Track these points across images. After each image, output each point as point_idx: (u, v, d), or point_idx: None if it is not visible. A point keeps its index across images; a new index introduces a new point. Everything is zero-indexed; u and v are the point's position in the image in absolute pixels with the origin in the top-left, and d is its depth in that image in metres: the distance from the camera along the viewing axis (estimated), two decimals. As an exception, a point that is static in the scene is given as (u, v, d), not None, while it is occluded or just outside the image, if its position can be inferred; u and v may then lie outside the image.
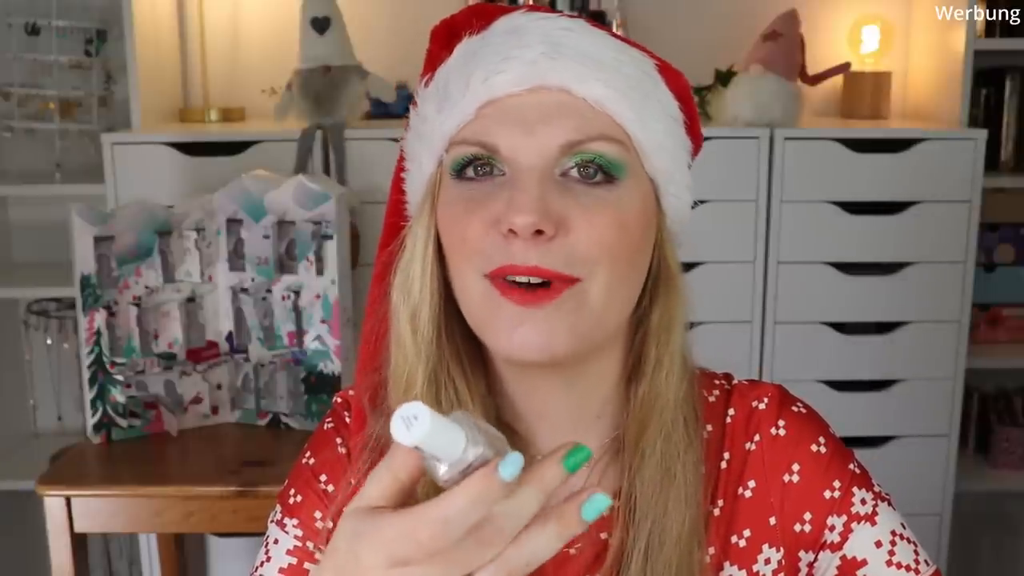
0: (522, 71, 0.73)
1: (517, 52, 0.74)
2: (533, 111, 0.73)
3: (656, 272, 0.80)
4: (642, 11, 2.43)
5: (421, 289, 0.77)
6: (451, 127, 0.75)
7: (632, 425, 0.80)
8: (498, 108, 0.74)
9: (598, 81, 0.73)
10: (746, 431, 0.85)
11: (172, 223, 1.74)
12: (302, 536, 0.84)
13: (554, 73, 0.73)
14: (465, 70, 0.75)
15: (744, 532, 0.83)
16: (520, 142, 0.72)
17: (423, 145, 0.78)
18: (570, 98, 0.73)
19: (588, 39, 0.75)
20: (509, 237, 0.71)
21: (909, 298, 2.15)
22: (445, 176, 0.77)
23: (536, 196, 0.70)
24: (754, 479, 0.84)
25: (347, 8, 2.19)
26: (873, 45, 2.41)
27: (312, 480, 0.86)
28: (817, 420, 0.87)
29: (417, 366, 0.77)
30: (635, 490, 0.79)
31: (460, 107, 0.75)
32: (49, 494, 1.56)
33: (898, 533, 0.82)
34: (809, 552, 0.83)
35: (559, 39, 0.74)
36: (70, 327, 2.44)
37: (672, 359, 0.79)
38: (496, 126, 0.73)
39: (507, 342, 0.72)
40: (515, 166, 0.72)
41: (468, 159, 0.74)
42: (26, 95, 2.32)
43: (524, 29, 0.75)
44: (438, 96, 0.77)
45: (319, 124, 2.08)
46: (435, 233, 0.77)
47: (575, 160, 0.73)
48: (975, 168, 2.10)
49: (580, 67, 0.73)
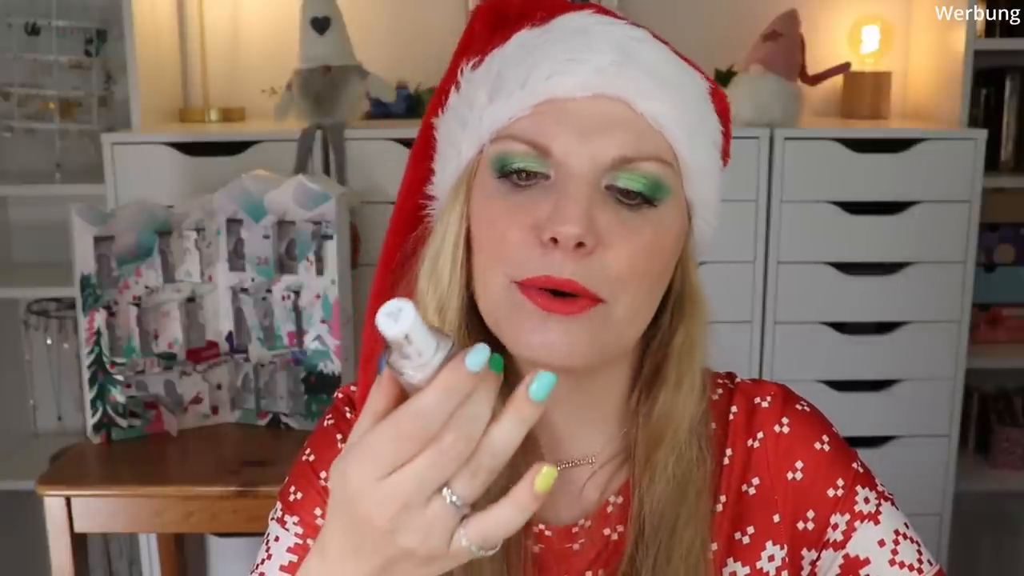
0: (588, 76, 0.72)
1: (585, 56, 0.72)
2: (592, 118, 0.71)
3: (680, 291, 0.80)
4: (642, 11, 2.43)
5: (451, 280, 0.76)
6: (502, 118, 0.73)
7: (643, 440, 0.80)
8: (557, 109, 0.72)
9: (661, 100, 0.73)
10: (748, 429, 0.85)
11: (172, 223, 1.74)
12: (303, 533, 0.84)
13: (619, 84, 0.72)
14: (525, 63, 0.73)
15: (748, 529, 0.83)
16: (574, 148, 0.71)
17: (466, 131, 0.76)
18: (630, 112, 0.72)
19: (654, 52, 0.75)
20: (548, 246, 0.70)
21: (909, 298, 2.15)
22: (485, 167, 0.75)
23: (585, 207, 0.69)
24: (758, 476, 0.84)
25: (347, 8, 2.19)
26: (873, 45, 2.41)
27: (312, 477, 0.86)
28: (821, 419, 0.87)
29: None
30: (645, 507, 0.79)
31: (516, 100, 0.73)
32: (49, 494, 1.56)
33: (901, 532, 0.82)
34: (812, 550, 0.83)
35: (627, 48, 0.73)
36: (70, 327, 2.44)
37: (692, 379, 0.80)
38: (553, 127, 0.72)
39: (529, 341, 0.72)
40: (565, 171, 0.71)
41: (515, 160, 0.73)
42: (26, 95, 2.32)
43: (592, 32, 0.74)
44: (489, 84, 0.75)
45: (319, 124, 2.08)
46: (466, 224, 0.76)
47: (623, 178, 0.72)
48: (975, 168, 2.10)
49: (645, 81, 0.72)
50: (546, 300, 0.71)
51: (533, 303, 0.71)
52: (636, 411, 0.81)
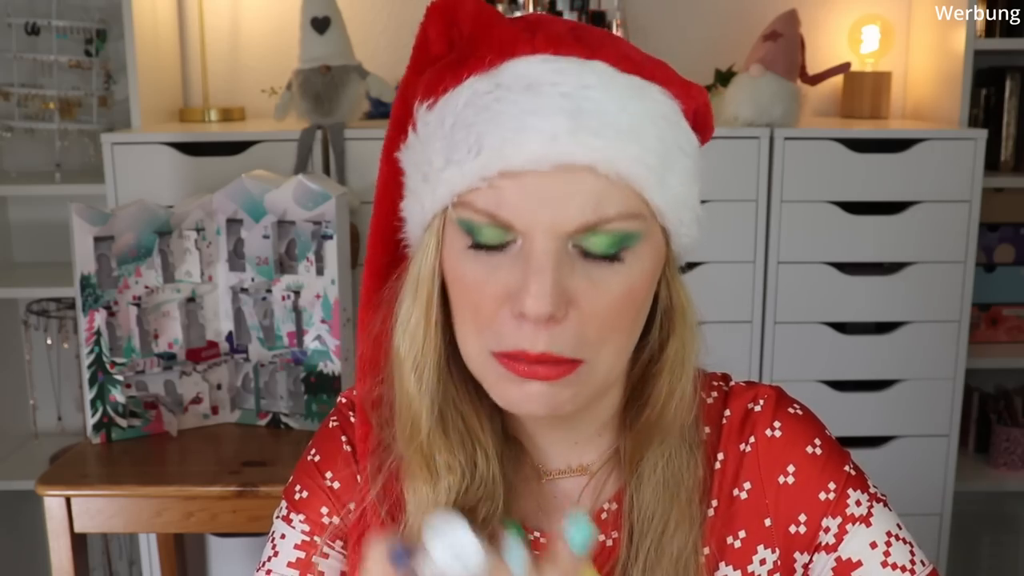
0: (542, 147, 0.68)
1: (535, 121, 0.69)
2: (551, 190, 0.69)
3: (667, 305, 0.79)
4: (642, 11, 2.43)
5: (425, 341, 0.76)
6: (460, 186, 0.71)
7: (630, 444, 0.81)
8: (514, 183, 0.69)
9: (621, 157, 0.69)
10: (741, 433, 0.85)
11: (172, 223, 1.74)
12: (309, 531, 0.85)
13: (578, 152, 0.68)
14: (475, 127, 0.70)
15: (739, 533, 0.83)
16: (536, 221, 0.69)
17: (427, 187, 0.74)
18: (593, 177, 0.69)
19: (610, 97, 0.70)
20: (520, 318, 0.70)
21: (909, 298, 2.15)
22: (452, 224, 0.73)
23: (551, 283, 0.68)
24: (749, 480, 0.84)
25: (347, 8, 2.19)
26: (873, 45, 2.41)
27: (318, 476, 0.87)
28: (813, 422, 0.87)
29: (421, 411, 0.77)
30: (635, 509, 0.80)
31: (470, 169, 0.70)
32: (49, 494, 1.56)
33: (893, 534, 0.82)
34: (804, 553, 0.83)
35: (579, 104, 0.69)
36: (70, 327, 2.44)
37: (684, 389, 0.80)
38: (511, 201, 0.69)
39: (509, 401, 0.73)
40: (529, 241, 0.70)
41: (479, 233, 0.71)
42: (26, 95, 2.32)
43: (540, 86, 0.70)
44: (443, 139, 0.72)
45: (319, 124, 2.08)
46: (439, 279, 0.75)
47: (589, 241, 0.70)
48: (975, 168, 2.10)
49: (604, 144, 0.69)
50: (525, 367, 0.71)
51: (514, 372, 0.72)
52: (629, 422, 0.82)
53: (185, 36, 2.43)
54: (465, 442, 0.79)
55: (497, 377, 0.73)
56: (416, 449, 0.78)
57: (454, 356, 0.78)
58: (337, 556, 0.85)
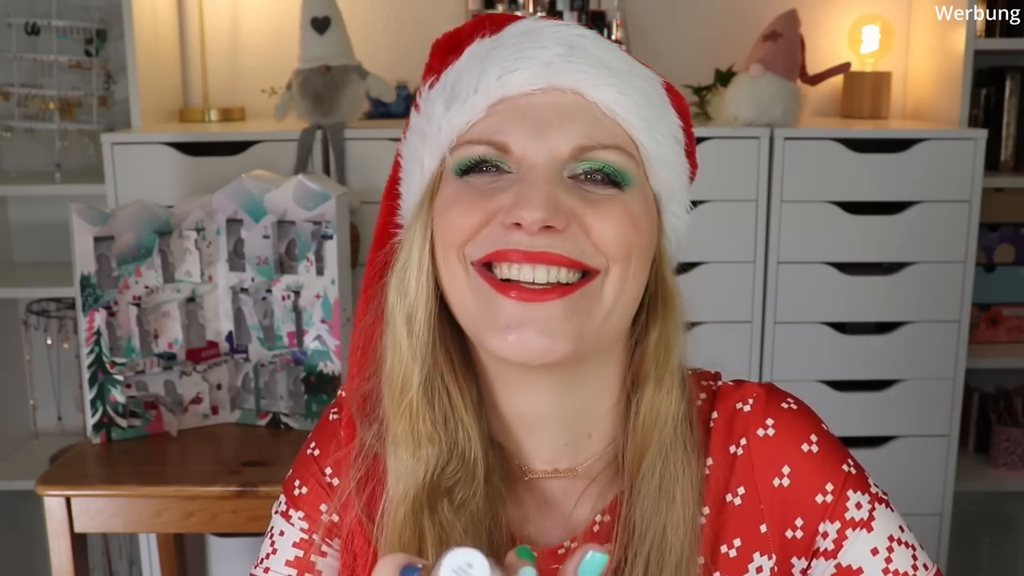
0: (537, 70, 0.73)
1: (532, 52, 0.73)
2: (546, 111, 0.73)
3: (654, 290, 0.79)
4: (642, 11, 2.43)
5: (417, 290, 0.76)
6: (460, 124, 0.75)
7: (632, 447, 0.79)
8: (510, 106, 0.73)
9: (611, 87, 0.73)
10: (730, 435, 0.82)
11: (172, 223, 1.74)
12: (308, 528, 0.84)
13: (569, 75, 0.73)
14: (477, 69, 0.75)
15: (734, 542, 0.80)
16: (531, 141, 0.72)
17: (427, 144, 0.77)
18: (583, 101, 0.73)
19: (602, 47, 0.76)
20: (511, 228, 0.70)
21: (909, 298, 2.15)
22: (448, 174, 0.76)
23: (547, 192, 0.70)
24: (743, 485, 0.81)
25: (347, 8, 2.19)
26: (873, 45, 2.41)
27: (317, 472, 0.86)
28: (808, 416, 0.83)
29: (413, 368, 0.76)
30: (634, 513, 0.78)
31: (470, 104, 0.74)
32: (49, 494, 1.56)
33: (895, 538, 0.79)
34: (802, 558, 0.80)
35: (574, 43, 0.74)
36: (70, 327, 2.44)
37: (672, 377, 0.78)
38: (507, 124, 0.73)
39: (504, 343, 0.71)
40: (525, 164, 0.72)
41: (476, 160, 0.74)
42: (26, 95, 2.32)
43: (539, 32, 0.76)
44: (445, 95, 0.76)
45: (319, 124, 2.09)
46: (431, 233, 0.76)
47: (583, 167, 0.73)
48: (975, 168, 2.10)
49: (594, 71, 0.73)
50: (519, 290, 0.71)
51: (506, 296, 0.71)
52: (624, 417, 0.80)
53: (185, 36, 2.43)
54: (448, 419, 0.78)
55: (489, 306, 0.72)
56: (403, 412, 0.77)
57: (443, 331, 0.77)
58: (336, 555, 0.84)
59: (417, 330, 0.76)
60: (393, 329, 0.77)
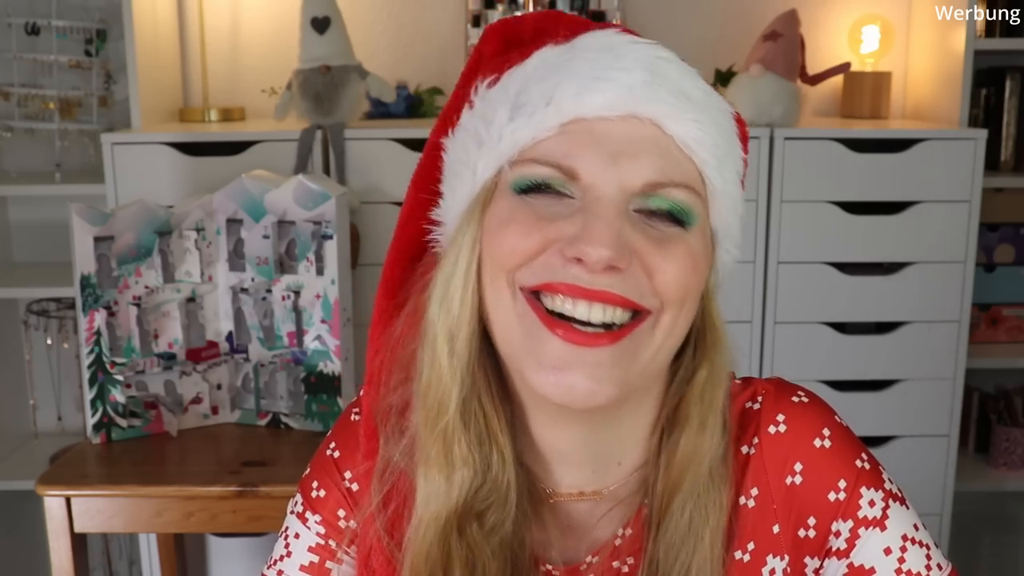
0: (618, 95, 0.69)
1: (614, 73, 0.69)
2: (622, 140, 0.69)
3: (701, 326, 0.77)
4: (642, 11, 2.43)
5: (461, 306, 0.72)
6: (524, 138, 0.70)
7: (663, 481, 0.76)
8: (584, 129, 0.69)
9: (694, 122, 0.70)
10: (741, 435, 0.80)
11: (172, 223, 1.74)
12: (324, 534, 0.82)
13: (651, 105, 0.69)
14: (549, 81, 0.70)
15: (748, 546, 0.79)
16: (602, 170, 0.68)
17: (483, 150, 0.72)
18: (660, 134, 0.70)
19: (683, 73, 0.72)
20: (571, 261, 0.67)
21: (909, 298, 2.15)
22: (504, 188, 0.71)
23: (616, 228, 0.66)
24: (756, 486, 0.79)
25: (347, 8, 2.19)
26: (873, 45, 2.41)
27: (336, 474, 0.83)
28: (820, 409, 0.82)
29: (452, 389, 0.73)
30: (658, 551, 0.76)
31: (539, 118, 0.70)
32: (49, 494, 1.56)
33: (909, 537, 0.78)
34: (814, 558, 0.79)
35: (656, 67, 0.70)
36: (70, 327, 2.44)
37: (716, 418, 0.76)
38: (579, 149, 0.69)
39: (547, 382, 0.69)
40: (592, 194, 0.68)
41: (539, 182, 0.69)
42: (26, 95, 2.32)
43: (619, 50, 0.71)
44: (509, 101, 0.71)
45: (319, 124, 2.08)
46: (480, 248, 0.72)
47: (652, 204, 0.69)
48: (975, 168, 2.10)
49: (677, 103, 0.70)
50: (568, 330, 0.67)
51: (554, 334, 0.68)
52: (657, 452, 0.78)
53: (185, 36, 2.43)
54: (483, 441, 0.75)
55: (536, 340, 0.69)
56: (439, 433, 0.74)
57: (485, 343, 0.74)
58: (352, 562, 0.82)
59: (459, 349, 0.73)
60: (433, 346, 0.74)
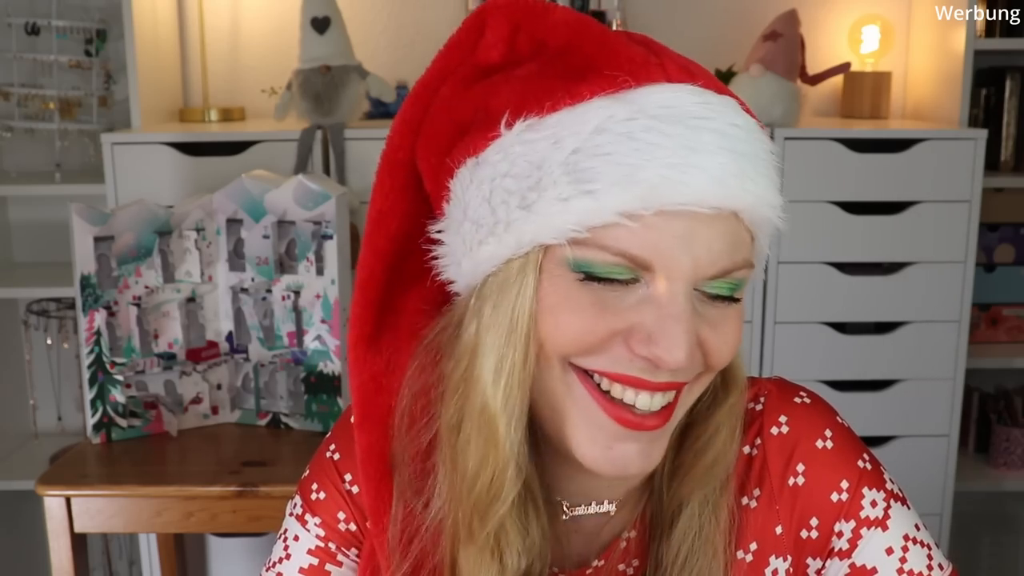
0: (706, 188, 0.63)
1: (698, 159, 0.63)
2: (703, 236, 0.64)
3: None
4: (642, 11, 2.43)
5: (520, 391, 0.67)
6: (594, 219, 0.63)
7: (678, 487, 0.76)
8: (664, 221, 0.63)
9: (767, 209, 0.67)
10: (744, 437, 0.80)
11: (172, 223, 1.74)
12: (324, 536, 0.82)
13: (738, 197, 0.64)
14: (619, 157, 0.63)
15: (751, 546, 0.79)
16: (679, 266, 0.64)
17: (531, 215, 0.65)
18: (733, 221, 0.66)
19: (752, 140, 0.67)
20: (639, 359, 0.65)
21: (909, 298, 2.15)
22: (558, 261, 0.65)
23: (692, 331, 0.64)
24: (759, 487, 0.79)
25: (347, 8, 2.19)
26: (873, 45, 2.41)
27: (336, 477, 0.82)
28: (822, 410, 0.82)
29: (508, 475, 0.69)
30: (666, 554, 0.76)
31: (612, 203, 0.62)
32: (49, 494, 1.56)
33: (911, 537, 0.78)
34: (817, 559, 0.79)
35: (735, 144, 0.65)
36: (70, 327, 2.44)
37: (727, 457, 0.76)
38: (658, 243, 0.63)
39: (599, 458, 0.68)
40: (664, 284, 0.64)
41: (606, 273, 0.64)
42: (26, 95, 2.32)
43: (691, 119, 0.64)
44: (564, 164, 0.64)
45: (319, 124, 2.09)
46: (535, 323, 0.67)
47: (718, 289, 0.67)
48: (975, 168, 2.10)
49: (759, 191, 0.66)
50: (627, 416, 0.66)
51: (612, 419, 0.66)
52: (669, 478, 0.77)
53: (185, 36, 2.43)
54: (532, 528, 0.73)
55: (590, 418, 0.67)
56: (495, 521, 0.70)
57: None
58: (351, 565, 0.82)
59: (514, 432, 0.68)
60: (491, 433, 0.68)
